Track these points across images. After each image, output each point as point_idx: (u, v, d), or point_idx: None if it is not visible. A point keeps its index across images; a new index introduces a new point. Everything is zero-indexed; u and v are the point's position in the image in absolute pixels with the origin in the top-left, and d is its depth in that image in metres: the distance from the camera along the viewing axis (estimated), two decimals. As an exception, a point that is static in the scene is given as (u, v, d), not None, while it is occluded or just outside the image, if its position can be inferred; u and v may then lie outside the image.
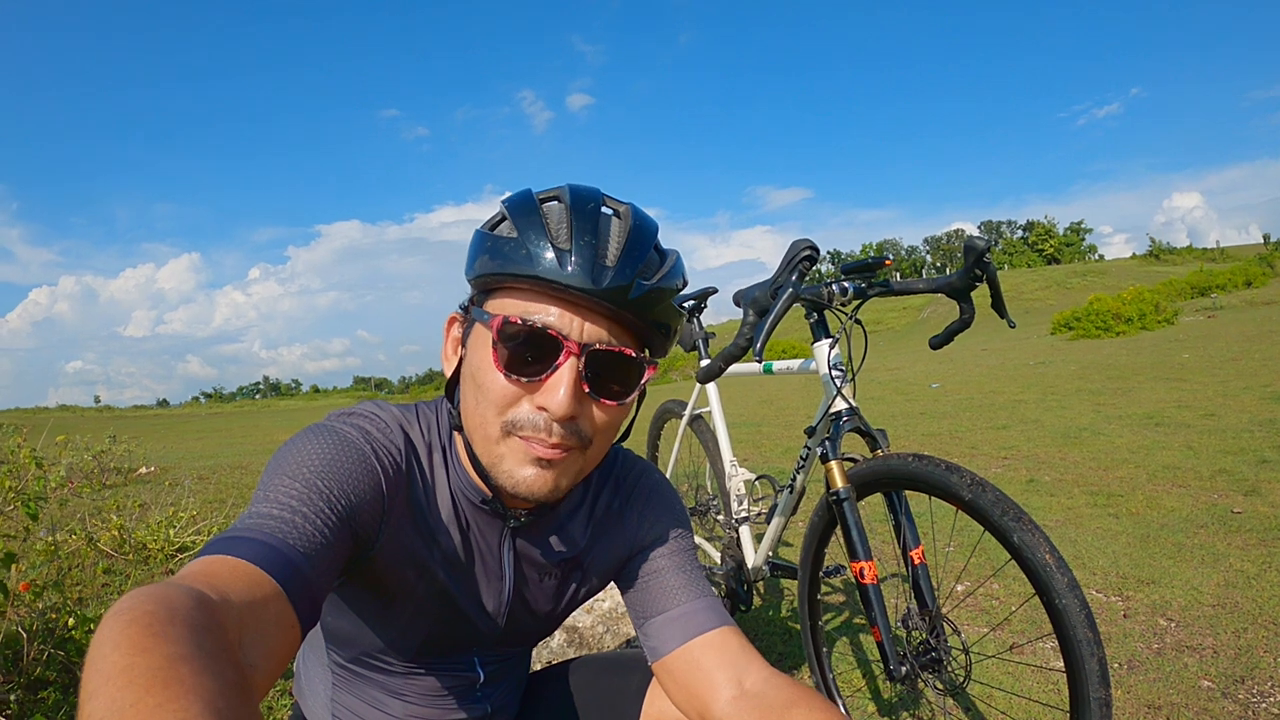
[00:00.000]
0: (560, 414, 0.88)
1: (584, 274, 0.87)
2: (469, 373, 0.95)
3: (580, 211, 0.91)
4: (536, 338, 0.88)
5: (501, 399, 0.90)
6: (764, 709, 0.96)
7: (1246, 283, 36.16)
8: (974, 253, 1.65)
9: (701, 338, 2.73)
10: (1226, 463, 4.86)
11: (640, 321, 0.92)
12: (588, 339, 0.90)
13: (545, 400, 0.88)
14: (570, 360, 0.88)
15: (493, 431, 0.92)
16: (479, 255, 0.93)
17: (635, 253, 0.91)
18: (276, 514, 0.79)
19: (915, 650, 1.70)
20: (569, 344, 0.88)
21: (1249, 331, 14.79)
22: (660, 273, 0.94)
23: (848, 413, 1.79)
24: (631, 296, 0.89)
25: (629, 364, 0.93)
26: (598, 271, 0.87)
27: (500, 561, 1.08)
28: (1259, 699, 2.15)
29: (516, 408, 0.90)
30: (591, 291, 0.87)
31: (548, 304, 0.89)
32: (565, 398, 0.87)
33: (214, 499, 5.59)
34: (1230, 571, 3.09)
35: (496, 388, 0.90)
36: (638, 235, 0.93)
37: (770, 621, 3.02)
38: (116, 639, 0.50)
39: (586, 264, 0.87)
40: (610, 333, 0.91)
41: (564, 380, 0.88)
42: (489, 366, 0.90)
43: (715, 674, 1.02)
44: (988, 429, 7.24)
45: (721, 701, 1.00)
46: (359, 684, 1.16)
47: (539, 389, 0.89)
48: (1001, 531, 1.41)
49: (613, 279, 0.88)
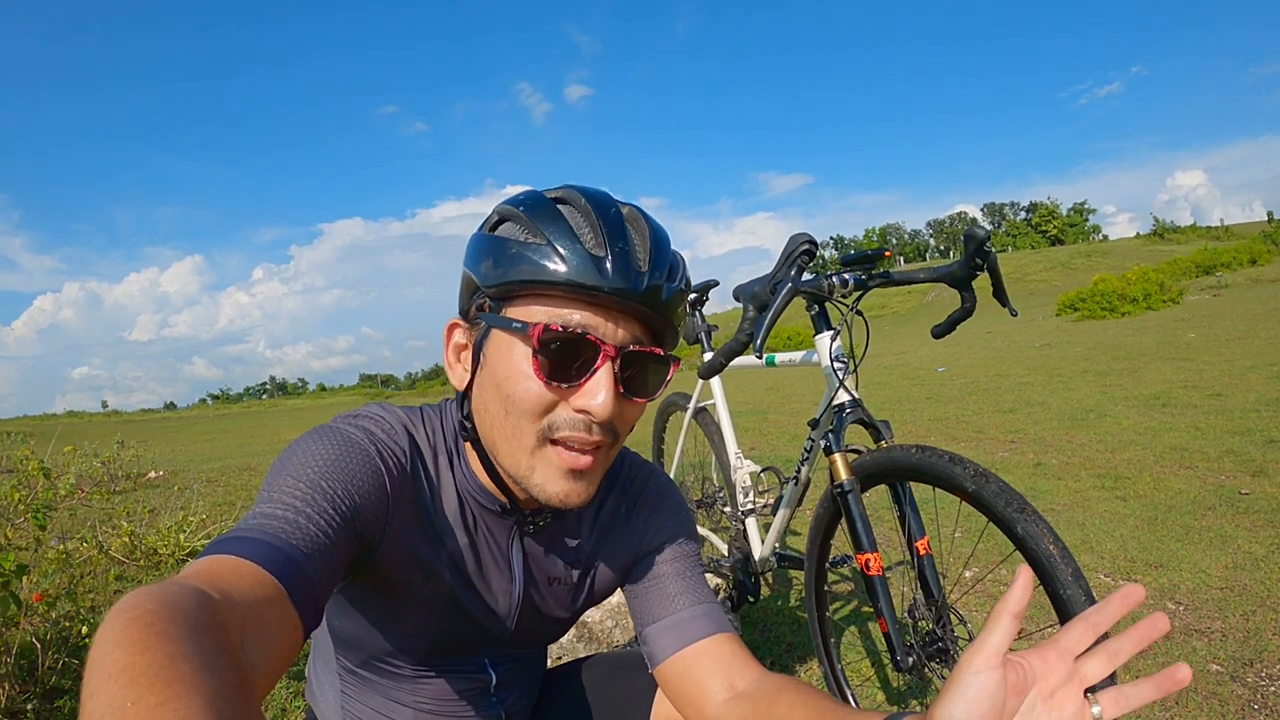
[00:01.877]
0: (604, 416, 0.88)
1: (622, 278, 0.87)
2: (491, 382, 0.93)
3: (605, 216, 0.91)
4: (576, 343, 0.88)
5: (539, 406, 0.89)
6: (753, 702, 0.97)
7: (1251, 260, 36.02)
8: (974, 241, 1.65)
9: (704, 330, 2.73)
10: (1234, 443, 4.85)
11: (665, 320, 0.94)
12: (621, 340, 0.90)
13: (585, 403, 0.88)
14: (608, 363, 0.89)
15: (528, 441, 0.91)
16: (497, 262, 0.91)
17: (662, 256, 0.93)
18: (280, 514, 0.79)
19: (922, 640, 1.70)
20: (606, 347, 0.89)
21: (1255, 310, 14.75)
22: (680, 275, 0.96)
23: (850, 405, 1.79)
24: (664, 298, 0.91)
25: (658, 362, 0.95)
26: (634, 276, 0.88)
27: (510, 564, 1.09)
28: (1268, 682, 2.15)
29: (554, 414, 0.90)
30: (630, 295, 0.88)
31: (580, 308, 0.89)
32: (608, 400, 0.88)
33: (223, 501, 5.62)
34: (1238, 553, 3.09)
35: (532, 396, 0.89)
36: (658, 240, 0.94)
37: (778, 612, 3.03)
38: (118, 637, 0.50)
39: (623, 268, 0.88)
40: (639, 333, 0.93)
41: (604, 383, 0.88)
42: (520, 375, 0.89)
43: (707, 680, 1.03)
44: (994, 412, 7.24)
45: (714, 705, 1.01)
46: (369, 689, 1.16)
47: (576, 392, 0.89)
48: (1005, 523, 1.41)
49: (649, 282, 0.89)
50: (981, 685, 0.61)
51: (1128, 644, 0.65)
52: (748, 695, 0.99)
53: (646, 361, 0.94)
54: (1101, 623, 0.65)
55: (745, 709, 0.97)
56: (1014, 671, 0.63)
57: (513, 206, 0.94)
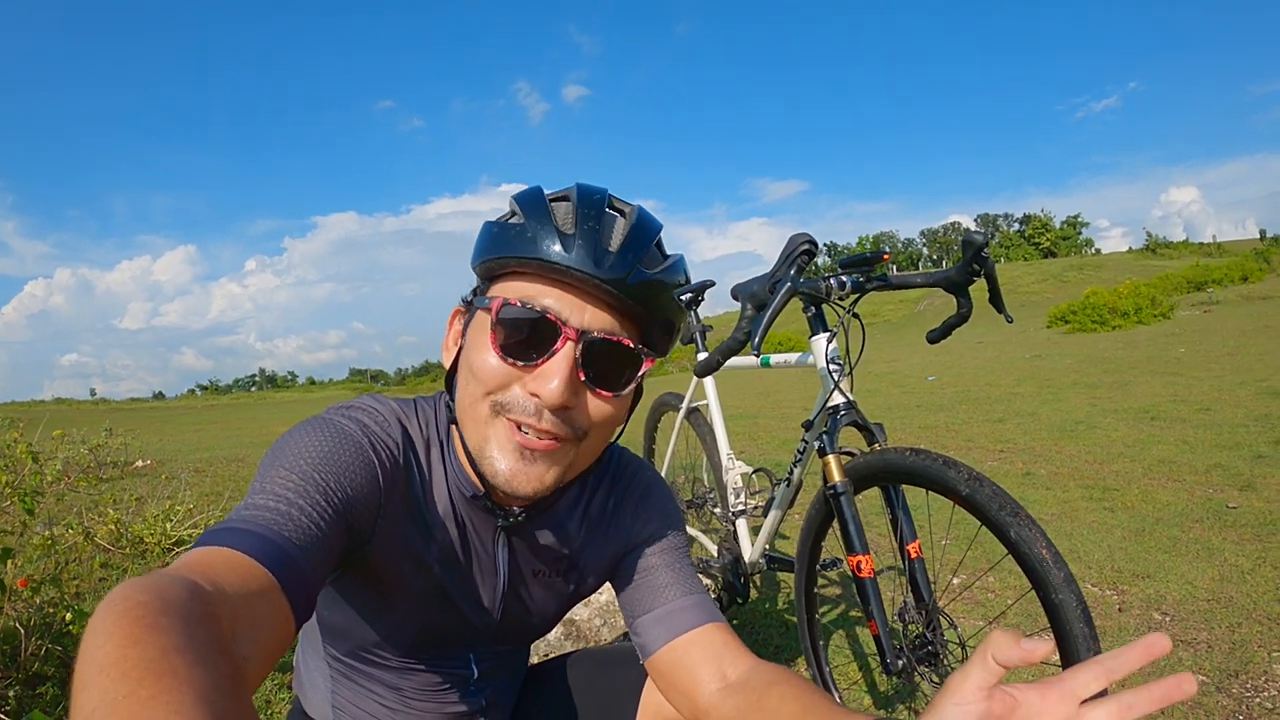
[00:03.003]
0: (553, 401, 0.87)
1: (586, 258, 0.87)
2: (465, 359, 0.95)
3: (586, 203, 0.92)
4: (535, 322, 0.88)
5: (493, 379, 0.89)
6: (746, 692, 0.97)
7: (1243, 277, 36.21)
8: (972, 247, 1.65)
9: (699, 330, 2.73)
10: (1222, 457, 4.88)
11: (643, 312, 0.93)
12: (588, 326, 0.90)
13: (538, 386, 0.87)
14: (568, 346, 0.88)
15: (481, 411, 0.91)
16: (485, 243, 0.94)
17: (637, 243, 0.92)
18: (272, 506, 0.78)
19: (912, 644, 1.71)
20: (567, 330, 0.88)
21: (1245, 326, 14.82)
22: (661, 266, 0.95)
23: (845, 407, 1.79)
24: (630, 282, 0.90)
25: (627, 354, 0.93)
26: (599, 255, 0.88)
27: (494, 559, 1.08)
28: (1253, 693, 2.16)
29: (508, 390, 0.90)
30: (592, 275, 0.87)
31: (549, 288, 0.90)
32: (560, 385, 0.87)
33: (211, 492, 5.59)
34: (1225, 566, 3.10)
35: (489, 368, 0.89)
36: (640, 228, 0.94)
37: (767, 614, 3.03)
38: (110, 630, 0.50)
39: (589, 248, 0.88)
40: (612, 323, 0.92)
41: (560, 367, 0.87)
42: (484, 347, 0.90)
43: (699, 670, 1.03)
44: (984, 422, 7.26)
45: (706, 694, 1.01)
46: (356, 678, 1.17)
47: (533, 373, 0.88)
48: (998, 526, 1.42)
49: (614, 264, 0.89)
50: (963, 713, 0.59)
51: (1144, 700, 0.57)
52: (740, 685, 0.99)
53: (616, 353, 0.92)
54: (1117, 669, 0.58)
55: (737, 699, 0.96)
56: (1000, 703, 0.59)
57: (514, 198, 0.96)
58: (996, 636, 0.58)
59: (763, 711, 0.91)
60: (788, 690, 0.92)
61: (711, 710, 1.00)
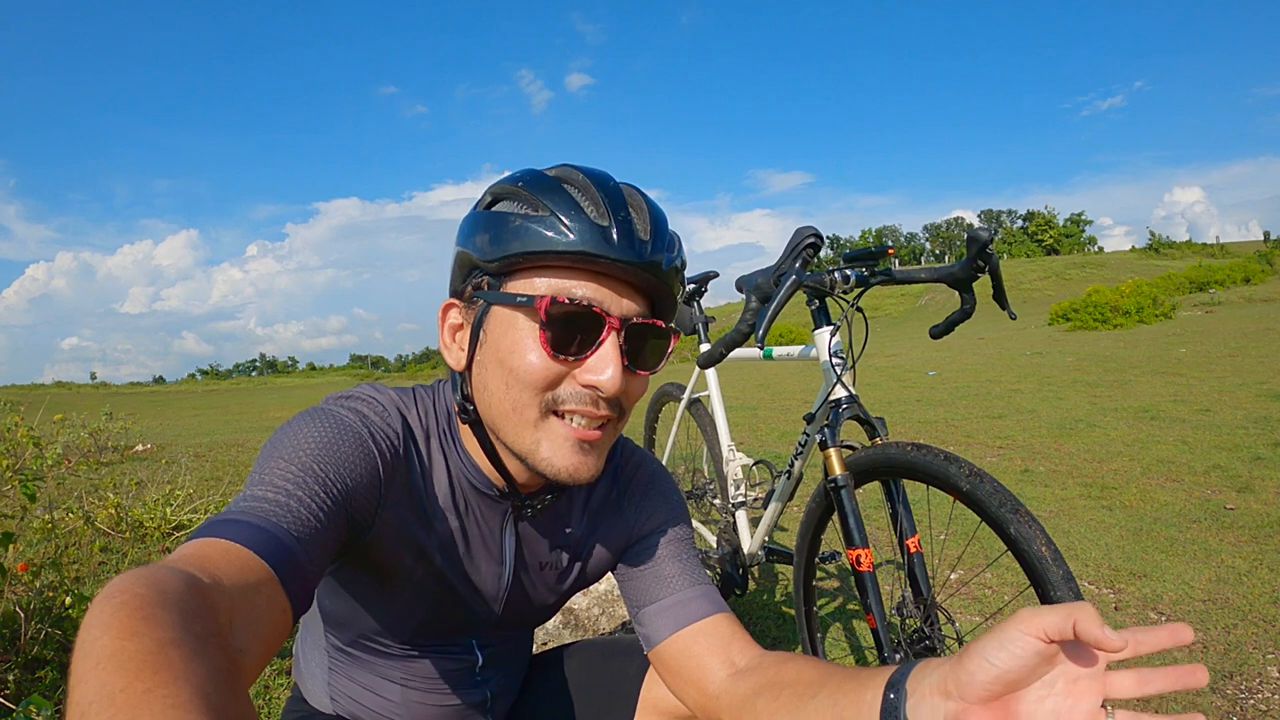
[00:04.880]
0: (613, 390, 0.88)
1: (628, 247, 0.87)
2: (493, 359, 0.92)
3: (605, 188, 0.90)
4: (582, 316, 0.87)
5: (544, 379, 0.88)
6: (760, 671, 0.97)
7: (1245, 279, 36.16)
8: (977, 243, 1.65)
9: (701, 321, 2.73)
10: (1221, 458, 4.88)
11: (666, 292, 0.94)
12: (625, 313, 0.90)
13: (593, 377, 0.88)
14: (613, 335, 0.88)
15: (530, 415, 0.90)
16: (496, 237, 0.90)
17: (660, 228, 0.92)
18: (271, 497, 0.78)
19: (909, 638, 1.71)
20: (610, 319, 0.88)
21: (1247, 328, 14.82)
22: (678, 249, 0.95)
23: (847, 400, 1.79)
24: (665, 268, 0.91)
25: (660, 334, 0.95)
26: (638, 245, 0.88)
27: (501, 547, 1.08)
28: (1247, 694, 2.17)
29: (559, 388, 0.89)
30: (634, 264, 0.87)
31: (585, 280, 0.89)
32: (614, 373, 0.87)
33: (210, 476, 5.60)
34: (1222, 567, 3.11)
35: (537, 369, 0.88)
36: (657, 211, 0.94)
37: (765, 606, 3.04)
38: (106, 622, 0.50)
39: (627, 237, 0.87)
40: (641, 306, 0.92)
41: (611, 357, 0.88)
42: (524, 349, 0.88)
43: (708, 659, 1.03)
44: (984, 418, 7.26)
45: (716, 682, 1.01)
46: (357, 667, 1.17)
47: (581, 365, 0.89)
48: (999, 523, 1.42)
49: (652, 252, 0.89)
50: (1026, 643, 0.62)
51: (1160, 679, 0.63)
52: (751, 670, 0.99)
53: (648, 334, 0.94)
54: (1143, 644, 0.62)
55: (752, 680, 0.96)
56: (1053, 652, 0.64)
57: (510, 184, 0.93)
58: (1093, 614, 0.60)
59: (780, 684, 0.91)
60: (804, 663, 0.93)
61: (722, 695, 0.99)
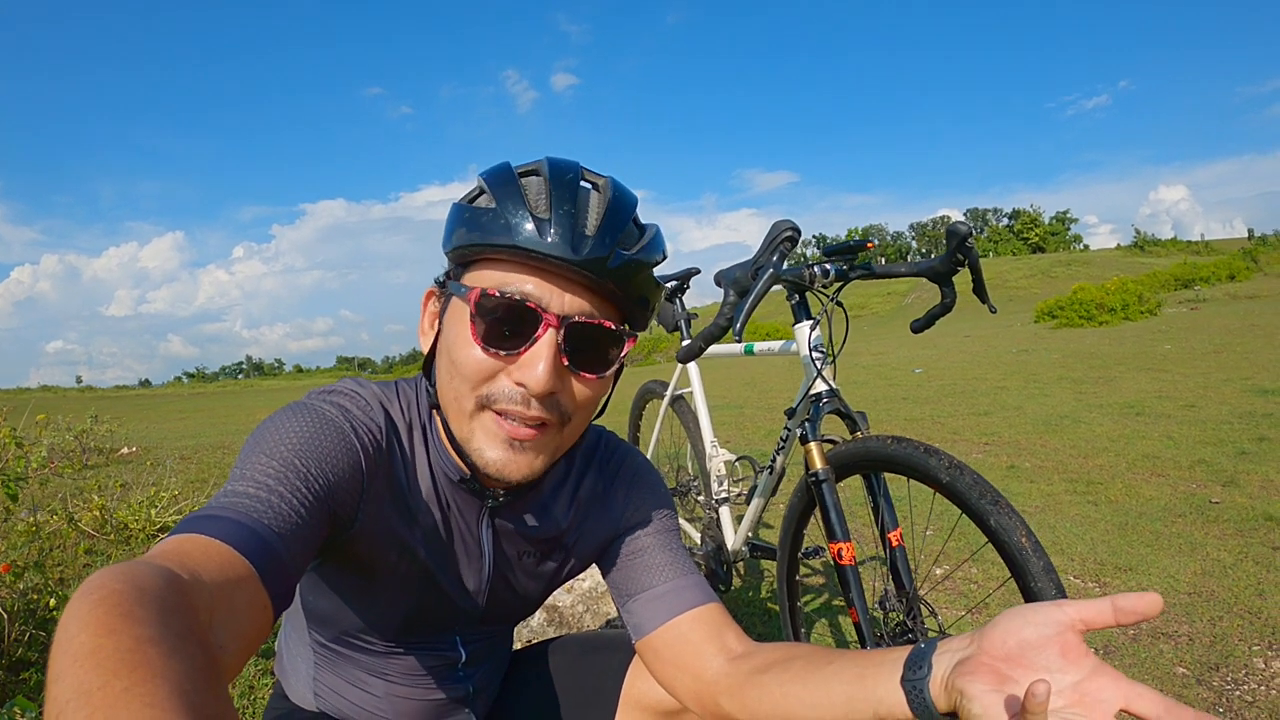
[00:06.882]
0: (539, 389, 0.86)
1: (563, 243, 0.85)
2: (444, 347, 0.93)
3: (559, 182, 0.89)
4: (515, 310, 0.86)
5: (477, 373, 0.88)
6: (761, 654, 0.97)
7: (1230, 276, 36.34)
8: (956, 237, 1.66)
9: (684, 319, 2.73)
10: (1206, 453, 4.92)
11: (621, 293, 0.91)
12: (568, 311, 0.88)
13: (523, 375, 0.86)
14: (549, 333, 0.87)
15: (466, 406, 0.90)
16: (456, 227, 0.91)
17: (614, 223, 0.90)
18: (252, 493, 0.77)
19: (892, 631, 1.72)
20: (548, 316, 0.87)
21: (1231, 324, 14.90)
22: (639, 244, 0.93)
23: (828, 394, 1.79)
24: (610, 265, 0.88)
25: (609, 336, 0.92)
26: (577, 240, 0.86)
27: (479, 541, 1.08)
28: (1232, 686, 2.18)
29: (493, 383, 0.88)
30: (570, 261, 0.85)
31: (526, 275, 0.87)
32: (544, 372, 0.86)
33: (196, 479, 5.57)
34: (1207, 560, 3.13)
35: (472, 362, 0.88)
36: (617, 206, 0.91)
37: (749, 602, 3.04)
38: (84, 619, 0.50)
39: (565, 233, 0.85)
40: (590, 305, 0.90)
41: (543, 354, 0.86)
42: (464, 340, 0.88)
43: (704, 646, 1.03)
44: (969, 415, 7.29)
45: (714, 667, 1.01)
46: (341, 663, 1.16)
47: (516, 362, 0.87)
48: (979, 514, 1.42)
49: (592, 248, 0.86)
50: (1056, 623, 0.63)
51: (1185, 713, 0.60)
52: (750, 654, 0.99)
53: (598, 335, 0.91)
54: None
55: (755, 660, 0.97)
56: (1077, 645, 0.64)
57: (480, 177, 0.93)
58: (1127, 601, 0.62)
59: (789, 659, 0.92)
60: (810, 647, 0.94)
61: (721, 679, 0.99)
